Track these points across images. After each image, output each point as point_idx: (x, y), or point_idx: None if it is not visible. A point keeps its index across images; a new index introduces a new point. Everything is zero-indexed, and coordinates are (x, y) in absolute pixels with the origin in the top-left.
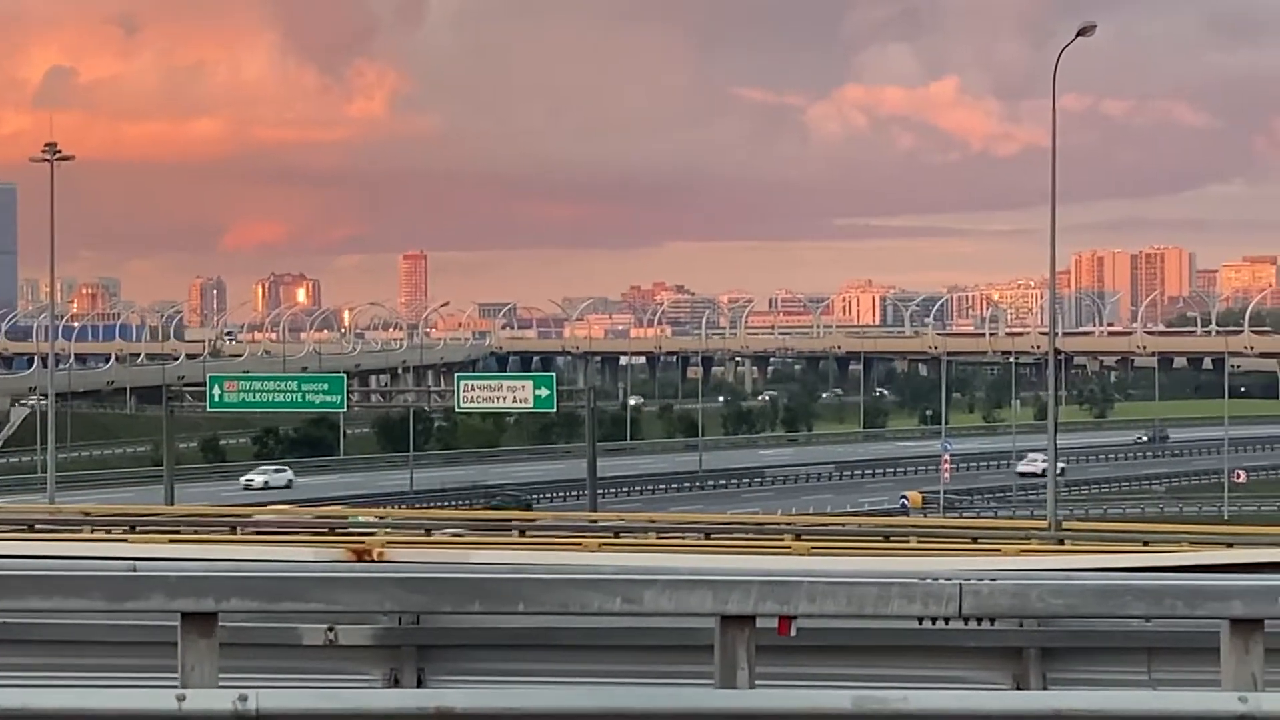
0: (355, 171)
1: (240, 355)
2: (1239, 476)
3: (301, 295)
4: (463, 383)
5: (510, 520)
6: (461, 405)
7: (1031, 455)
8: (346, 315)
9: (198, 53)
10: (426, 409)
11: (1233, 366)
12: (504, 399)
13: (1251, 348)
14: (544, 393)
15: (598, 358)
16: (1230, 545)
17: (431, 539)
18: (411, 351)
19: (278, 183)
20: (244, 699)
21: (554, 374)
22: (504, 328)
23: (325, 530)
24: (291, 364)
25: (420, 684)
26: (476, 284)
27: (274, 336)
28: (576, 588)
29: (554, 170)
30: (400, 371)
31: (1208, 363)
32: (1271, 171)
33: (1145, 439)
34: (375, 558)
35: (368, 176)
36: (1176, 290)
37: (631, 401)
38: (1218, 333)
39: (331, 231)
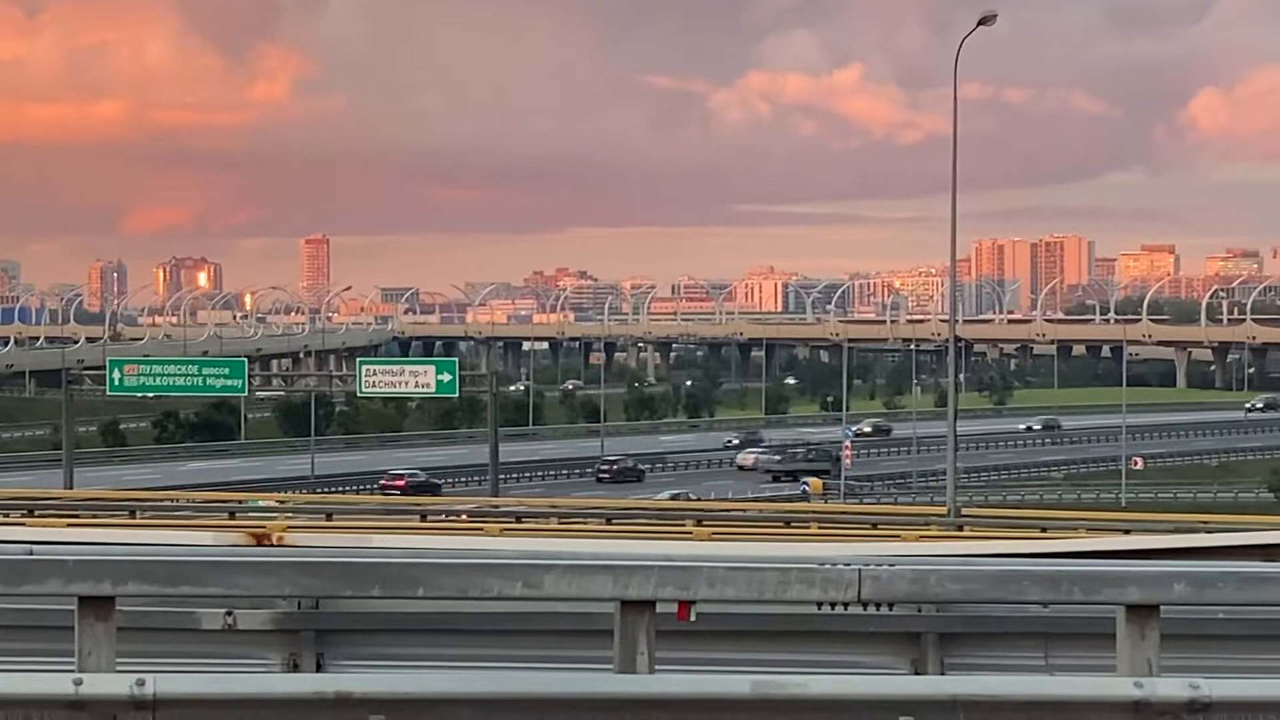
0: (257, 155)
1: (140, 339)
2: (1136, 463)
3: (203, 279)
4: (365, 367)
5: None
6: (363, 390)
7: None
8: (248, 299)
9: (99, 35)
10: (328, 394)
11: (1131, 354)
12: (406, 384)
13: (1149, 336)
14: (446, 378)
15: (500, 343)
16: (1127, 532)
17: (332, 523)
18: (313, 336)
19: (179, 166)
20: (141, 683)
21: (456, 359)
22: (406, 312)
23: (225, 515)
24: (192, 348)
25: (319, 668)
26: (379, 268)
27: (175, 320)
28: (476, 572)
29: (457, 155)
30: (302, 356)
31: (1106, 351)
32: (1170, 161)
33: (1036, 428)
34: (275, 542)
35: (270, 160)
36: (1076, 279)
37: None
38: (1116, 321)
39: (233, 215)
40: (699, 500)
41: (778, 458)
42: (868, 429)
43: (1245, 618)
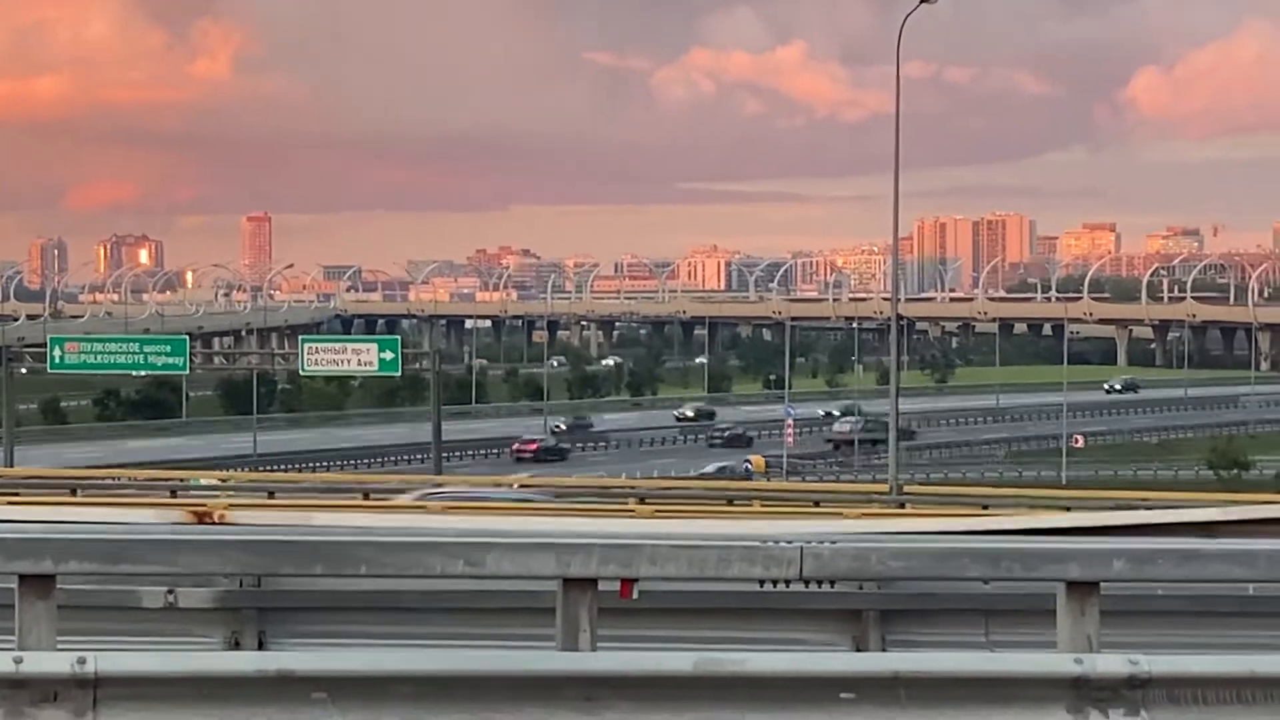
0: (199, 132)
1: (81, 316)
2: (1077, 441)
3: (144, 256)
4: (307, 345)
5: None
6: (305, 368)
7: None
8: (190, 276)
9: (40, 11)
10: (270, 371)
11: (1072, 333)
12: (348, 362)
13: (1090, 314)
14: (389, 356)
15: (443, 321)
16: (1068, 509)
17: (274, 501)
18: (255, 314)
19: (121, 143)
20: (82, 662)
21: (399, 337)
22: (349, 290)
23: (167, 493)
24: (134, 325)
25: (261, 646)
26: (321, 246)
27: (116, 297)
28: (418, 550)
29: (399, 132)
30: (244, 334)
31: (1047, 329)
32: (1111, 140)
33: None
34: (216, 520)
35: (212, 137)
36: (1017, 257)
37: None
38: (1057, 299)
39: (175, 192)
40: (734, 479)
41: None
42: (690, 413)
43: (1184, 594)
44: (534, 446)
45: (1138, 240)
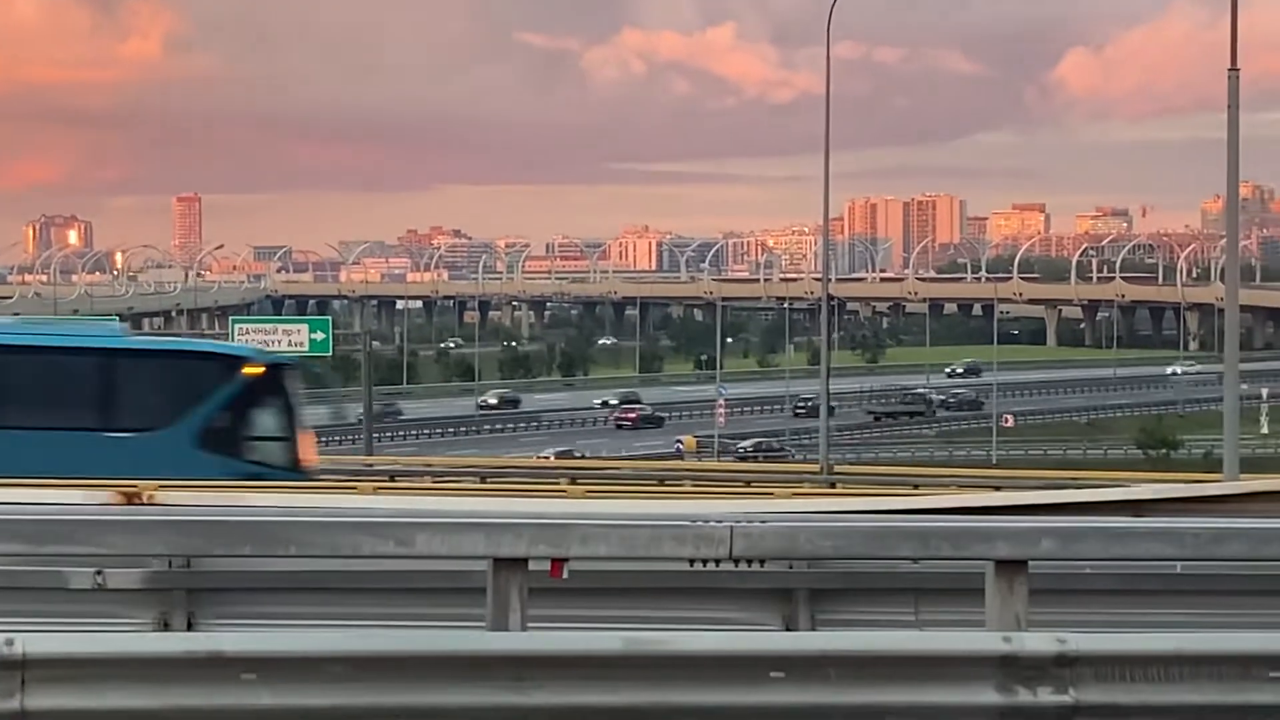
0: (129, 112)
1: (10, 297)
2: (1007, 421)
3: (73, 237)
4: (237, 325)
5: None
6: None
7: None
8: (119, 257)
9: None
10: None
11: (1002, 312)
12: (279, 342)
13: (1020, 294)
14: (319, 336)
15: (374, 301)
16: (998, 488)
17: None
18: (186, 294)
19: (49, 123)
20: (10, 643)
21: (330, 317)
22: (279, 271)
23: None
24: (63, 306)
25: (191, 627)
26: (252, 227)
27: (45, 279)
28: (348, 531)
29: (330, 112)
30: (174, 314)
31: (977, 309)
32: (1040, 120)
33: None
34: (145, 500)
35: (141, 117)
36: (947, 237)
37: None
38: (987, 279)
39: (104, 173)
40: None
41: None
42: (493, 400)
43: (1112, 572)
44: (634, 416)
45: (1067, 221)
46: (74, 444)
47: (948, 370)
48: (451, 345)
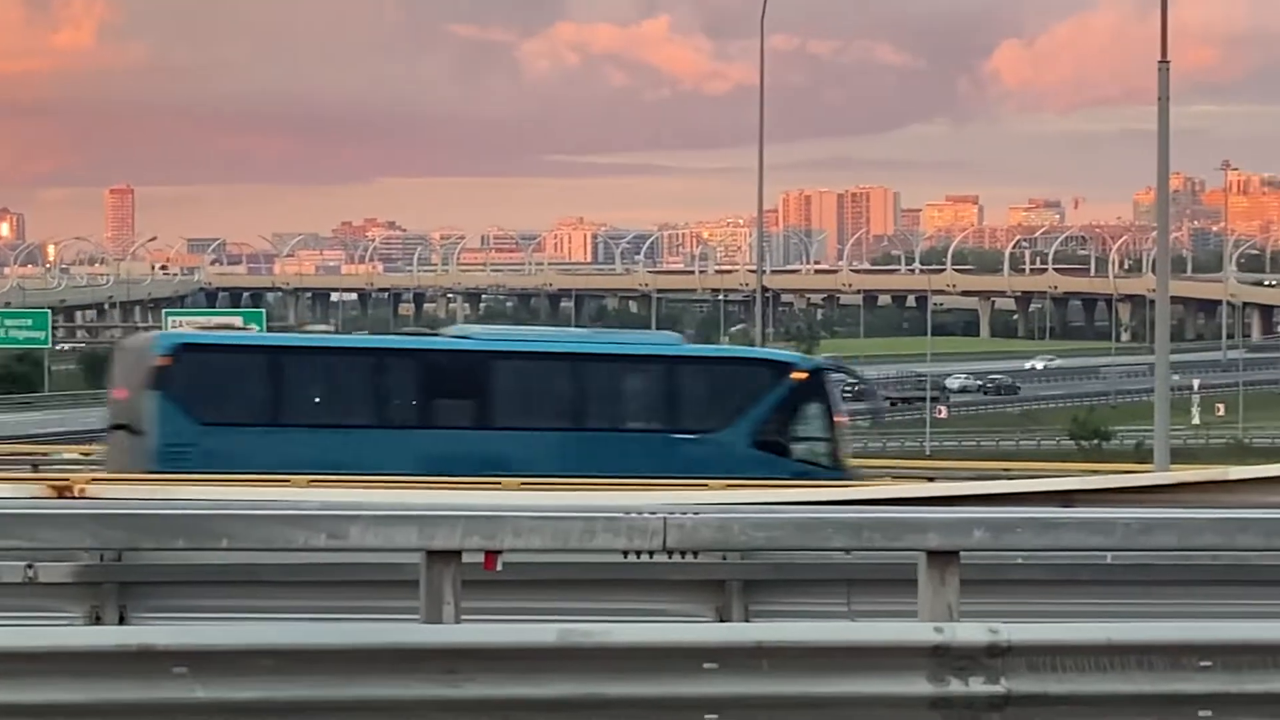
0: (61, 103)
1: None
2: (940, 412)
3: (4, 229)
4: (171, 319)
5: None
6: None
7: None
8: (51, 250)
9: None
10: None
11: (935, 304)
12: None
13: (954, 286)
14: (254, 329)
15: (309, 294)
16: (931, 479)
17: (138, 475)
18: (119, 287)
19: None
20: None
21: (263, 310)
22: (213, 263)
23: (28, 467)
24: None
25: (123, 621)
26: (185, 219)
27: None
28: (281, 524)
29: (264, 104)
30: (107, 307)
31: (911, 300)
32: (973, 112)
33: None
34: (77, 494)
35: (74, 108)
36: (881, 229)
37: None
38: (921, 271)
39: (36, 164)
40: None
41: (978, 383)
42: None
43: (1043, 562)
44: None
45: (1000, 212)
46: (645, 444)
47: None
48: None
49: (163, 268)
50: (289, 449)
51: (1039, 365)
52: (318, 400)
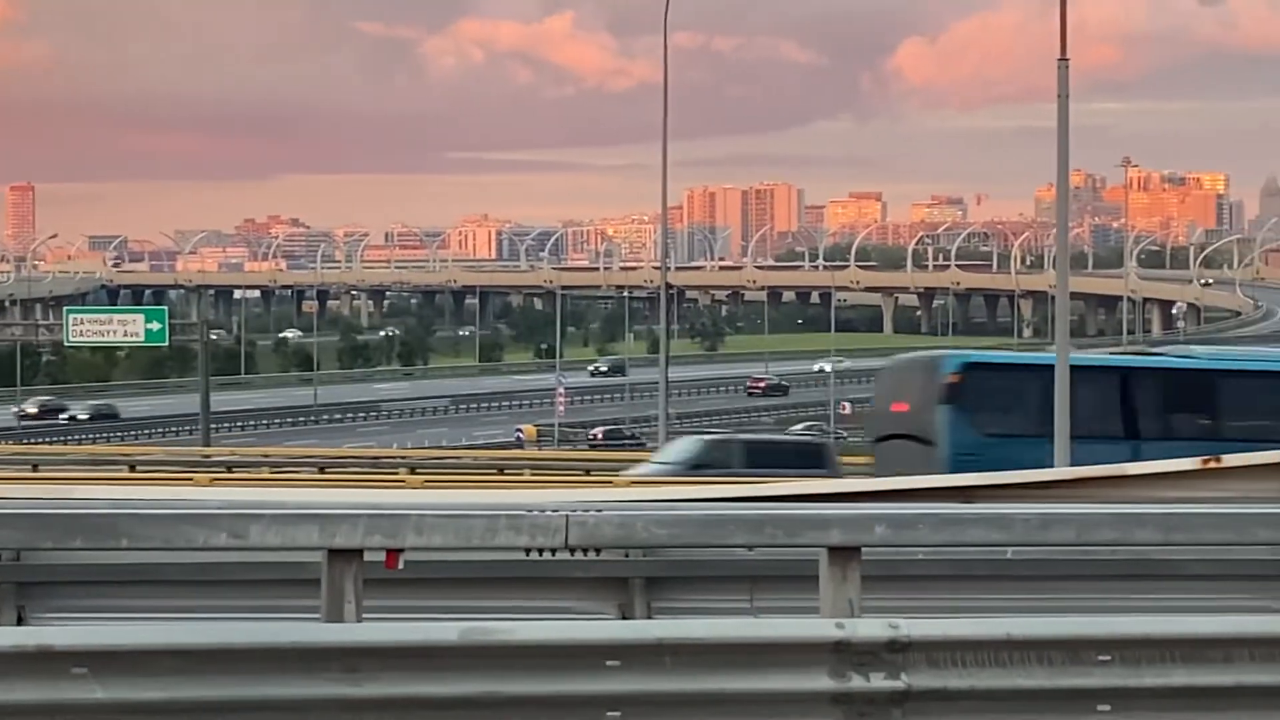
0: None
1: None
2: (844, 408)
3: None
4: (72, 316)
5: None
6: (71, 339)
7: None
8: None
9: None
10: (35, 343)
11: (839, 300)
12: (115, 333)
13: (857, 282)
14: (155, 326)
15: (211, 291)
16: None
17: (37, 474)
18: (18, 284)
19: None
20: None
21: (166, 307)
22: (115, 261)
23: None
24: None
25: (21, 622)
26: (87, 216)
27: None
28: (181, 522)
29: (166, 100)
30: (7, 305)
31: (815, 297)
32: (876, 109)
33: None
34: None
35: None
36: (785, 226)
37: (217, 335)
38: (825, 268)
39: None
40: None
41: None
42: (84, 415)
43: (943, 558)
44: (762, 385)
45: (903, 209)
46: None
47: (590, 369)
48: (290, 336)
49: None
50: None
51: (826, 368)
52: (1091, 413)
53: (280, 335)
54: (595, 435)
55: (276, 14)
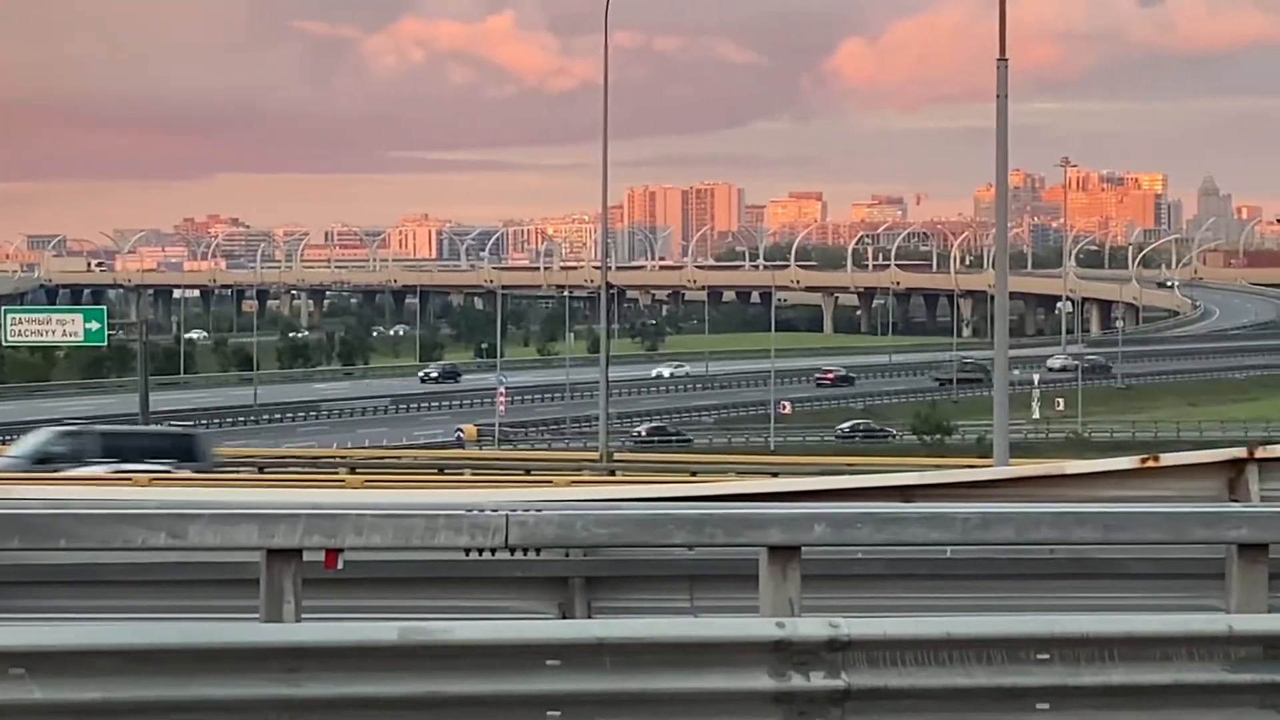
0: None
1: None
2: (784, 408)
3: None
4: (9, 315)
5: None
6: (8, 339)
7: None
8: None
9: None
10: None
11: (780, 300)
12: (53, 332)
13: (797, 281)
14: (94, 326)
15: (150, 291)
16: (775, 474)
17: None
18: None
19: None
20: None
21: (105, 307)
22: (54, 259)
23: None
24: None
25: None
26: (25, 216)
27: None
28: (119, 522)
29: (105, 99)
30: None
31: (756, 296)
32: (816, 109)
33: (666, 374)
34: None
35: None
36: (726, 225)
37: (194, 335)
38: (765, 267)
39: None
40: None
41: (1075, 363)
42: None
43: (883, 557)
44: (831, 376)
45: (843, 209)
46: None
47: (421, 376)
48: (194, 337)
49: None
50: None
51: (666, 373)
52: None
53: (220, 335)
54: (640, 434)
55: (216, 13)
